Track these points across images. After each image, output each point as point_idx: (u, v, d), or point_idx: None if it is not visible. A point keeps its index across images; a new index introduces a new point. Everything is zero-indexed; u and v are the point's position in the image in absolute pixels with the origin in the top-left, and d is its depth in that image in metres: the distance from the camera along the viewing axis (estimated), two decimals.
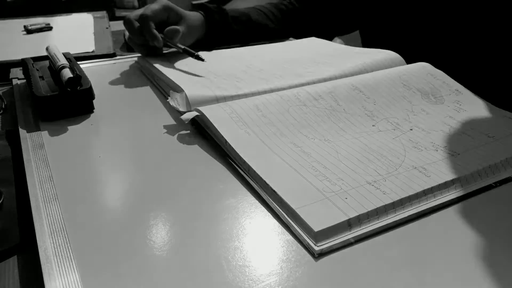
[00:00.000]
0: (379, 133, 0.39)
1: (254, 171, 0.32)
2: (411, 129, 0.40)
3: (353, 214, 0.28)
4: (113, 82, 0.57)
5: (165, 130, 0.43)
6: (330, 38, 0.82)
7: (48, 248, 0.27)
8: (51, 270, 0.25)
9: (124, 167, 0.37)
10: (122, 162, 0.38)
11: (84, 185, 0.34)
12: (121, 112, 0.47)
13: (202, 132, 0.41)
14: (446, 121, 0.42)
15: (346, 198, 0.30)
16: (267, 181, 0.31)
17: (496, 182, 0.34)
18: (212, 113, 0.40)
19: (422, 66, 0.52)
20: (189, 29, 0.61)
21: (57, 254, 0.27)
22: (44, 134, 0.42)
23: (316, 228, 0.27)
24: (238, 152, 0.35)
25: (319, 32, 0.78)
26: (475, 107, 0.45)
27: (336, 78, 0.50)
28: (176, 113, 0.46)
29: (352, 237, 0.27)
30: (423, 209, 0.30)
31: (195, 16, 0.64)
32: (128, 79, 0.58)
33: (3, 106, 0.51)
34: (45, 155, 0.38)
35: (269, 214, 0.30)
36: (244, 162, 0.34)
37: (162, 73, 0.52)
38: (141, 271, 0.25)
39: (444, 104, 0.45)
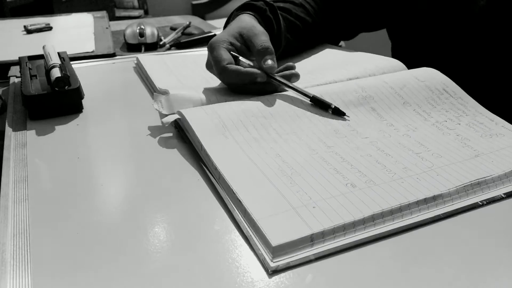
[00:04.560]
0: (363, 141, 0.38)
1: (224, 179, 0.31)
2: (398, 142, 0.38)
3: (317, 228, 0.26)
4: (108, 82, 0.57)
5: (149, 132, 0.42)
6: (353, 35, 0.78)
7: (6, 250, 0.27)
8: (4, 273, 0.25)
9: (99, 169, 0.36)
10: (98, 164, 0.37)
11: (56, 186, 0.34)
12: (110, 112, 0.47)
13: (183, 135, 0.41)
14: (440, 131, 0.40)
15: (314, 208, 0.28)
16: (234, 189, 0.30)
17: (483, 200, 0.32)
18: (192, 116, 0.39)
19: (426, 71, 0.49)
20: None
21: (14, 256, 0.26)
22: (30, 133, 0.42)
23: (275, 242, 0.25)
24: (211, 157, 0.34)
25: (344, 30, 0.73)
26: (477, 118, 0.42)
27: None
28: (163, 115, 0.45)
29: (312, 254, 0.26)
30: (396, 226, 0.28)
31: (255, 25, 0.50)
32: (124, 80, 0.58)
33: (2, 105, 0.52)
34: (25, 154, 0.38)
35: (232, 224, 0.29)
36: (216, 168, 0.33)
37: (152, 74, 0.51)
38: (94, 279, 0.25)
39: (442, 113, 0.43)
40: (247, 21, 0.50)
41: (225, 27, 0.56)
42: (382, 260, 0.26)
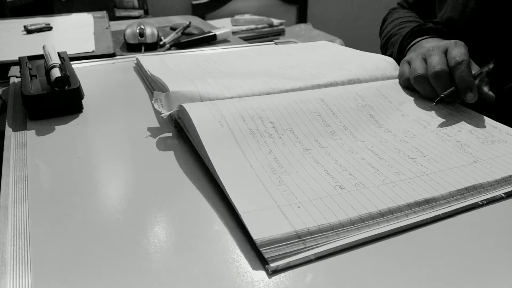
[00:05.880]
0: (358, 144, 0.38)
1: (217, 174, 0.32)
2: (394, 147, 0.38)
3: (300, 227, 0.27)
4: (108, 82, 0.57)
5: (149, 133, 0.42)
6: None
7: (6, 250, 0.27)
8: (4, 273, 0.25)
9: (99, 169, 0.36)
10: (98, 164, 0.37)
11: (56, 186, 0.34)
12: (110, 112, 0.47)
13: (183, 135, 0.41)
14: (440, 137, 0.39)
15: (299, 207, 0.28)
16: (225, 184, 0.30)
17: (483, 200, 0.31)
18: (192, 108, 0.39)
19: None
20: None
21: (14, 256, 0.26)
22: (30, 133, 0.42)
23: (256, 236, 0.26)
24: (207, 151, 0.34)
25: None
26: (479, 125, 0.41)
27: (331, 85, 0.49)
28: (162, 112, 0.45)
29: (312, 254, 0.26)
30: (394, 227, 0.28)
31: None
32: (124, 80, 0.58)
33: (2, 105, 0.52)
34: (25, 154, 0.38)
35: (232, 224, 0.29)
36: (210, 162, 0.33)
37: (152, 73, 0.51)
38: (94, 279, 0.25)
39: (442, 122, 0.42)
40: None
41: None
42: (382, 260, 0.26)
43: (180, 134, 0.41)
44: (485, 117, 0.43)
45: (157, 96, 0.44)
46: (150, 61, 0.58)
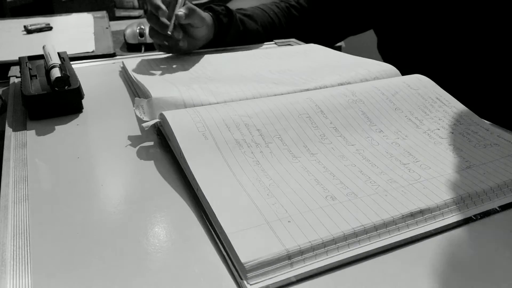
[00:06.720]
0: (349, 148, 0.36)
1: (200, 188, 0.30)
2: (386, 151, 0.37)
3: (290, 245, 0.25)
4: (108, 83, 0.57)
5: (149, 132, 0.42)
6: (341, 38, 0.82)
7: (6, 250, 0.27)
8: (4, 273, 0.25)
9: (99, 169, 0.36)
10: (98, 164, 0.37)
11: (56, 186, 0.34)
12: (110, 112, 0.47)
13: (164, 143, 0.39)
14: (432, 139, 0.38)
15: (289, 222, 0.27)
16: (210, 202, 0.29)
17: (476, 214, 0.30)
18: (174, 118, 0.37)
19: (418, 78, 0.49)
20: (207, 29, 0.62)
21: (14, 256, 0.26)
22: (30, 133, 0.42)
23: (244, 259, 0.24)
24: (189, 165, 0.32)
25: (330, 32, 0.77)
26: (471, 128, 0.40)
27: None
28: (143, 121, 0.44)
29: (294, 276, 0.24)
30: (384, 244, 0.26)
31: (208, 17, 0.64)
32: (124, 80, 0.58)
33: (2, 105, 0.52)
34: (25, 154, 0.38)
35: (210, 242, 0.27)
36: (194, 178, 0.31)
37: (136, 78, 0.50)
38: (94, 279, 0.25)
39: (434, 121, 0.41)
40: None
41: None
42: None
43: (162, 142, 0.40)
44: (476, 117, 0.42)
45: (139, 103, 0.42)
46: (135, 65, 0.56)
